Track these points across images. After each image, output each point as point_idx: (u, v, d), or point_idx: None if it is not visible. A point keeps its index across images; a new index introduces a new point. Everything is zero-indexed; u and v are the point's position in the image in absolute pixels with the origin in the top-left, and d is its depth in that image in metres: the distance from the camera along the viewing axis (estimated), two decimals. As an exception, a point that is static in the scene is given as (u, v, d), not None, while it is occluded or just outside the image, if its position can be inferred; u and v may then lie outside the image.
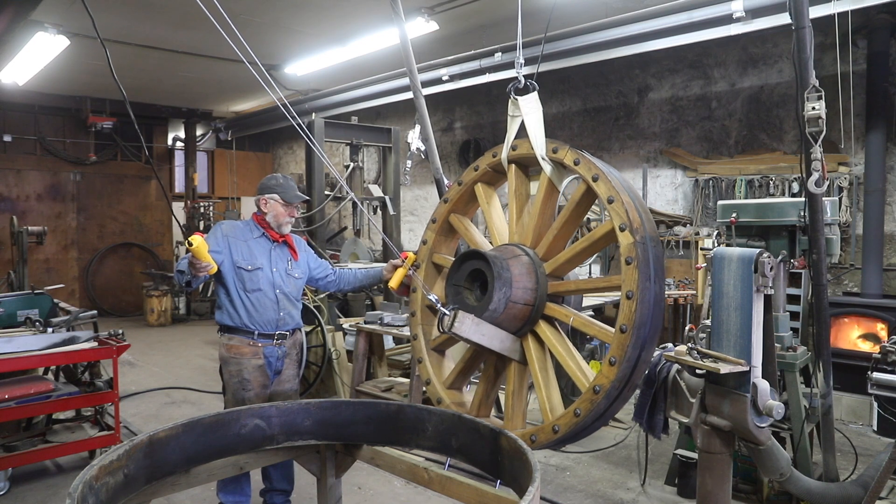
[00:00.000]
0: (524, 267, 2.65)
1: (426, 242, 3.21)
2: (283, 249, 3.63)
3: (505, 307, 2.56)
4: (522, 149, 2.80)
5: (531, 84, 2.84)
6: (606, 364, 2.37)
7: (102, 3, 6.42)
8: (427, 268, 3.21)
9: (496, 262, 2.54)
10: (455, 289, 2.70)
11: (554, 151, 2.69)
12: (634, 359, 2.36)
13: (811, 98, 3.25)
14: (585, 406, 2.41)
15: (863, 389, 4.10)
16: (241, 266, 3.46)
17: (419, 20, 6.52)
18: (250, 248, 3.51)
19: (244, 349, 3.49)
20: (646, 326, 2.34)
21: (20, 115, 11.29)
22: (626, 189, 2.49)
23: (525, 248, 2.75)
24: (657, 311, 2.39)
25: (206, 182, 13.52)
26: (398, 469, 2.80)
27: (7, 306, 5.38)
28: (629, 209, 2.40)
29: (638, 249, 2.34)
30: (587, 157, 2.57)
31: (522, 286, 2.61)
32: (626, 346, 2.32)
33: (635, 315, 2.31)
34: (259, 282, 3.47)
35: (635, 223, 2.38)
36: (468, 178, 3.05)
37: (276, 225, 3.58)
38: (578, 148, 2.66)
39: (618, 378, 2.34)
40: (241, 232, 3.55)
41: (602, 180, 2.48)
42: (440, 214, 3.17)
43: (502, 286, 2.53)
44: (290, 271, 3.61)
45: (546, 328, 2.67)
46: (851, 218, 6.30)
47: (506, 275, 2.54)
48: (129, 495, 2.21)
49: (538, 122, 2.77)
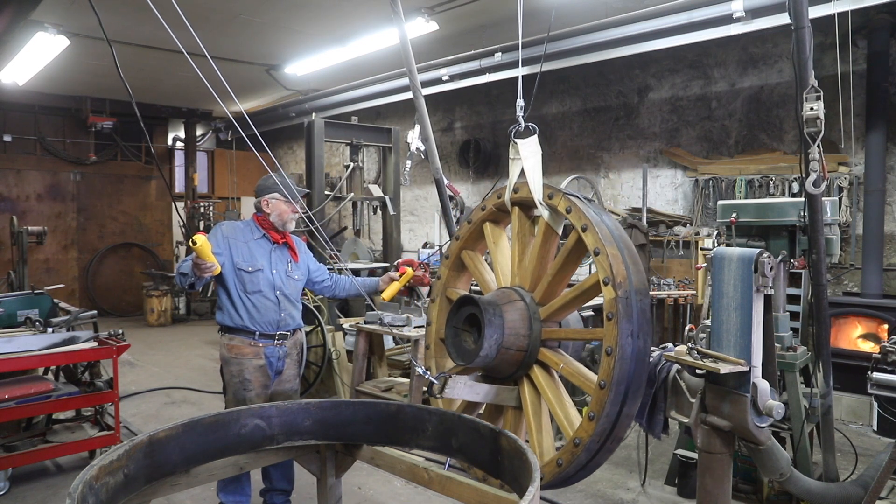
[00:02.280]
0: (518, 313, 2.69)
1: (440, 278, 3.30)
2: (284, 251, 3.63)
3: (497, 353, 2.61)
4: (523, 192, 2.84)
5: (531, 127, 2.89)
6: (586, 418, 2.40)
7: (103, 3, 6.42)
8: (441, 302, 3.29)
9: (488, 309, 2.59)
10: (454, 330, 2.76)
11: (549, 197, 2.71)
12: (615, 414, 2.37)
13: (810, 98, 3.26)
14: (567, 457, 2.45)
15: (863, 389, 4.10)
16: (242, 268, 3.45)
17: (419, 20, 6.52)
18: (251, 250, 3.50)
19: (245, 349, 3.49)
20: (625, 383, 2.35)
21: (20, 115, 11.29)
22: (615, 239, 2.49)
23: (523, 291, 2.79)
24: (639, 367, 2.39)
25: (206, 182, 13.52)
26: (398, 469, 2.80)
27: (7, 306, 5.38)
28: (614, 262, 2.40)
29: (619, 305, 2.35)
30: (578, 206, 2.57)
31: (515, 332, 2.65)
32: (605, 402, 2.33)
33: (614, 372, 2.32)
34: (259, 283, 3.47)
35: (619, 277, 2.38)
36: (476, 216, 3.14)
37: (281, 223, 3.57)
38: (565, 194, 2.65)
39: (597, 433, 2.36)
40: (241, 233, 3.54)
41: (590, 231, 2.48)
42: (452, 251, 3.26)
43: (493, 333, 2.57)
44: (290, 273, 3.60)
45: (539, 373, 2.70)
46: (851, 218, 6.30)
47: (497, 321, 2.59)
48: (129, 495, 2.21)
49: (536, 166, 2.80)
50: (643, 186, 7.44)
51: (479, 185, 9.81)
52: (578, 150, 8.62)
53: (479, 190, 9.81)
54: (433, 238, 9.99)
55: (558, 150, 8.80)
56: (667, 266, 7.61)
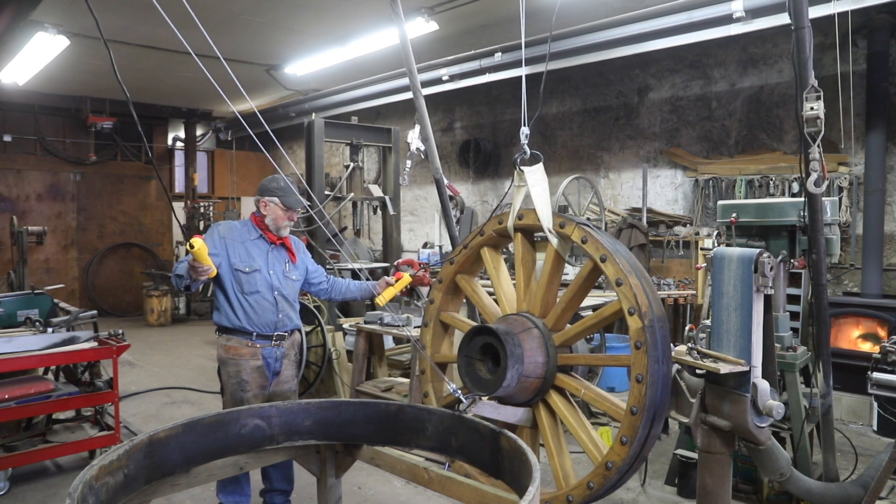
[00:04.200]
0: (535, 341, 2.72)
1: (433, 301, 3.29)
2: (281, 251, 3.61)
3: (517, 382, 2.64)
4: (528, 219, 2.84)
5: (537, 154, 2.89)
6: (618, 443, 2.46)
7: (102, 3, 6.42)
8: (435, 326, 3.29)
9: (508, 340, 2.60)
10: (467, 360, 2.76)
11: (561, 227, 2.72)
12: (644, 437, 2.46)
13: (810, 98, 3.25)
14: (598, 480, 2.51)
15: (863, 389, 4.09)
16: (239, 268, 3.44)
17: (419, 20, 6.52)
18: (248, 250, 3.49)
19: (242, 350, 3.48)
20: (654, 407, 2.43)
21: (20, 115, 11.29)
22: (633, 269, 2.53)
23: (534, 318, 2.80)
24: (665, 390, 2.47)
25: (206, 182, 13.51)
26: (398, 469, 2.80)
27: (7, 306, 5.38)
28: (637, 293, 2.45)
29: (647, 334, 2.41)
30: (594, 236, 2.60)
31: (533, 361, 2.69)
32: (638, 427, 2.41)
33: (646, 398, 2.40)
34: (256, 284, 3.46)
35: (643, 307, 2.43)
36: (474, 241, 3.12)
37: (275, 228, 3.55)
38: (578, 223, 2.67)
39: (629, 456, 2.45)
40: (237, 233, 3.52)
41: (610, 261, 2.52)
42: (446, 275, 3.24)
43: (515, 363, 2.59)
44: (287, 273, 3.59)
45: (557, 399, 2.74)
46: (851, 218, 6.30)
47: (517, 351, 2.61)
48: (129, 495, 2.21)
49: (543, 194, 2.80)
50: (643, 186, 7.44)
51: (479, 184, 9.81)
52: (578, 150, 8.62)
53: (478, 190, 9.81)
54: (433, 238, 9.99)
55: (558, 150, 8.80)
56: (667, 266, 7.61)
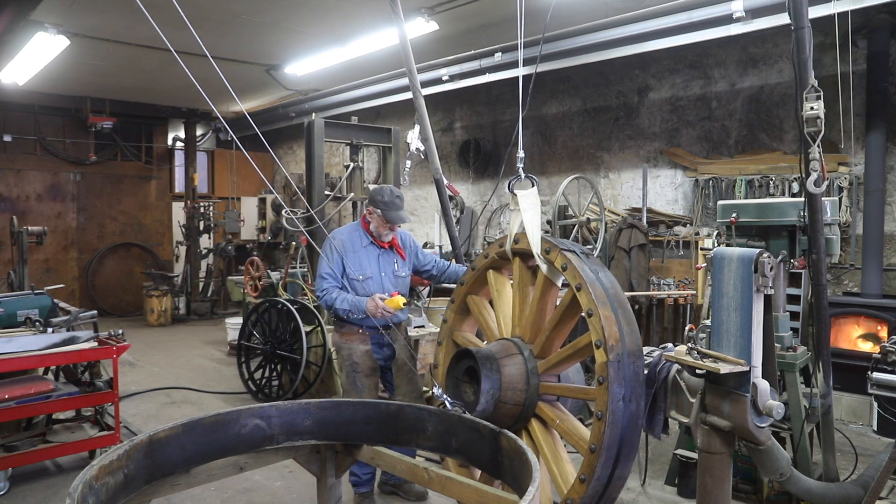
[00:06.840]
0: (516, 367, 2.70)
1: (447, 321, 3.36)
2: (391, 253, 3.89)
3: (494, 407, 2.63)
4: (523, 243, 2.87)
5: (531, 178, 2.95)
6: (577, 480, 2.39)
7: (103, 3, 6.42)
8: (447, 345, 3.35)
9: (485, 364, 2.60)
10: (455, 381, 2.78)
11: (546, 252, 2.72)
12: (606, 477, 2.37)
13: (810, 98, 3.26)
14: None
15: (863, 389, 4.10)
16: (353, 277, 3.72)
17: (419, 20, 6.52)
18: (359, 259, 3.77)
19: (353, 336, 3.79)
20: (616, 447, 2.33)
21: (20, 115, 11.28)
22: (609, 299, 2.47)
23: (522, 344, 2.80)
24: (632, 431, 2.37)
25: (206, 182, 13.51)
26: (398, 469, 2.79)
27: (7, 306, 5.36)
28: (606, 324, 2.37)
29: (610, 369, 2.32)
30: (574, 264, 2.56)
31: (512, 387, 2.66)
32: (595, 466, 2.33)
33: (605, 437, 2.31)
34: (370, 289, 3.73)
35: (611, 339, 2.35)
36: (480, 264, 3.21)
37: (378, 234, 3.83)
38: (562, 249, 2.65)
39: (588, 495, 2.36)
40: (350, 243, 3.80)
41: (584, 291, 2.47)
42: (458, 296, 3.33)
43: (490, 388, 2.60)
44: (397, 273, 3.88)
45: (537, 427, 2.71)
46: (851, 218, 6.30)
47: (494, 376, 2.61)
48: (129, 495, 2.20)
49: (535, 219, 2.82)
50: (643, 186, 7.44)
51: (479, 185, 9.81)
52: (578, 150, 8.62)
53: (478, 190, 9.81)
54: (433, 238, 9.99)
55: (558, 150, 8.79)
56: (667, 266, 7.61)
